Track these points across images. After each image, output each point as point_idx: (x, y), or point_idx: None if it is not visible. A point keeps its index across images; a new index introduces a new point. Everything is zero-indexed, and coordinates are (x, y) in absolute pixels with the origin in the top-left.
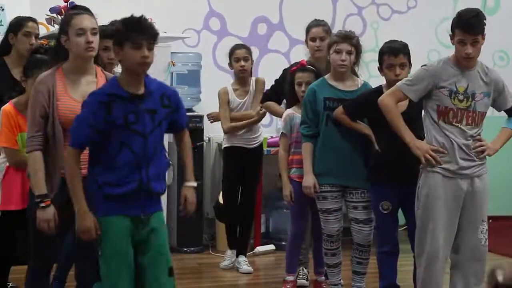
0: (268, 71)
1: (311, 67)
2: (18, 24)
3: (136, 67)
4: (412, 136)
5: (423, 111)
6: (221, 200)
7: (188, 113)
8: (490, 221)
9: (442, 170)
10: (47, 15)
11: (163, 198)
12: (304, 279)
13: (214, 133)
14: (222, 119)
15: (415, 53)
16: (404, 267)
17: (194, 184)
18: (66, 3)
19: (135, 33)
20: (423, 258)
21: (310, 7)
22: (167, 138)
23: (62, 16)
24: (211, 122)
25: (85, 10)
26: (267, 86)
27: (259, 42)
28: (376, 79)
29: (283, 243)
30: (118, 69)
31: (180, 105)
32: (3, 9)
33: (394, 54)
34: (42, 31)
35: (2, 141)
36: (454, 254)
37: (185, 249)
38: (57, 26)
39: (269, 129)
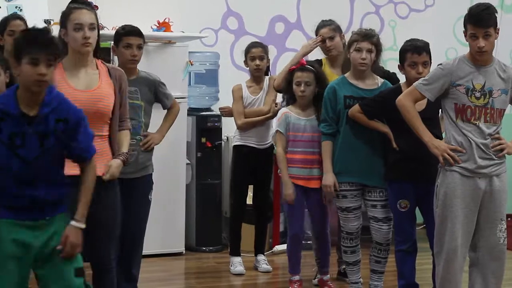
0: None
1: (311, 67)
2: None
3: (31, 85)
4: (430, 135)
5: (440, 110)
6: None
7: (206, 113)
8: (509, 219)
9: (460, 169)
10: None
11: (181, 197)
12: None
13: (232, 132)
14: (236, 115)
15: (433, 51)
16: (423, 266)
17: (80, 225)
18: None
19: (34, 47)
20: (442, 256)
21: (327, 5)
22: (186, 138)
23: None
24: (223, 116)
25: (86, 4)
26: None
27: (277, 41)
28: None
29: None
30: (140, 67)
31: (77, 136)
32: (21, 10)
33: (418, 52)
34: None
35: None
36: (472, 252)
37: (203, 248)
38: None
39: None
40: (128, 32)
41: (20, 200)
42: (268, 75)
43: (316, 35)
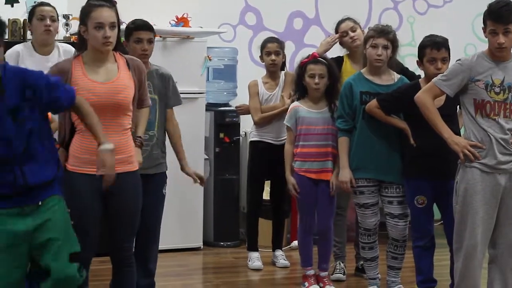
0: None
1: (323, 60)
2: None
3: None
4: (450, 131)
5: (458, 106)
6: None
7: (224, 108)
8: None
9: (480, 165)
10: None
11: (199, 193)
12: (341, 273)
13: (250, 127)
14: (253, 111)
15: (451, 48)
16: (441, 262)
17: (108, 146)
18: None
19: None
20: (462, 253)
21: (345, 1)
22: (204, 133)
23: None
24: (239, 114)
25: (106, 1)
26: None
27: (295, 37)
28: None
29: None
30: (152, 60)
31: (50, 87)
32: None
33: (437, 48)
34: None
35: None
36: (491, 249)
37: (221, 243)
38: None
39: None
40: (138, 27)
41: (5, 186)
42: (284, 70)
43: (336, 33)
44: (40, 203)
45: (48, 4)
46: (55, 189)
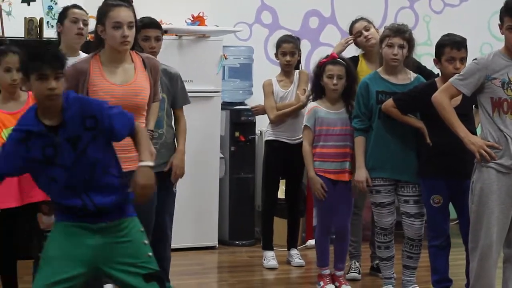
0: None
1: (342, 61)
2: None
3: (43, 99)
4: (466, 131)
5: (474, 106)
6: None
7: (239, 107)
8: None
9: (496, 165)
10: None
11: (215, 191)
12: (356, 272)
13: (265, 126)
14: (268, 109)
15: (468, 47)
16: (456, 261)
17: (147, 163)
18: None
19: (39, 63)
20: (477, 252)
21: (362, 0)
22: (219, 132)
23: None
24: (255, 115)
25: (124, 0)
26: None
27: (311, 35)
28: None
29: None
30: (168, 59)
31: (113, 122)
32: (56, 3)
33: (458, 47)
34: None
35: None
36: (507, 248)
37: (236, 242)
38: None
39: None
40: (145, 25)
41: (75, 210)
42: (299, 68)
43: (351, 34)
44: (111, 222)
45: (80, 7)
46: (128, 210)
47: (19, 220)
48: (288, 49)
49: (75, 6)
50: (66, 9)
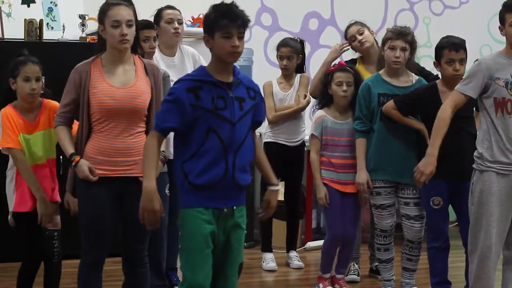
0: (319, 66)
1: (350, 69)
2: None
3: (226, 57)
4: (434, 152)
5: (474, 109)
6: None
7: None
8: None
9: (496, 165)
10: None
11: None
12: (355, 274)
13: (264, 128)
14: (267, 110)
15: (467, 49)
16: (456, 263)
17: (278, 187)
18: None
19: (226, 21)
20: (476, 254)
21: (361, 2)
22: None
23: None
24: None
25: (124, 0)
26: None
27: (311, 37)
28: None
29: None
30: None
31: (262, 101)
32: (56, 4)
33: (456, 49)
34: (94, 27)
35: (7, 142)
36: (506, 250)
37: None
38: None
39: None
40: (144, 25)
41: (214, 172)
42: (303, 71)
43: (346, 38)
44: (235, 208)
45: (173, 7)
46: (244, 198)
47: (34, 224)
48: (285, 54)
49: (168, 7)
50: (160, 11)
